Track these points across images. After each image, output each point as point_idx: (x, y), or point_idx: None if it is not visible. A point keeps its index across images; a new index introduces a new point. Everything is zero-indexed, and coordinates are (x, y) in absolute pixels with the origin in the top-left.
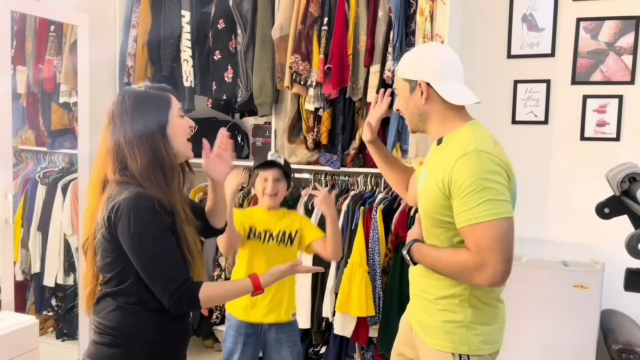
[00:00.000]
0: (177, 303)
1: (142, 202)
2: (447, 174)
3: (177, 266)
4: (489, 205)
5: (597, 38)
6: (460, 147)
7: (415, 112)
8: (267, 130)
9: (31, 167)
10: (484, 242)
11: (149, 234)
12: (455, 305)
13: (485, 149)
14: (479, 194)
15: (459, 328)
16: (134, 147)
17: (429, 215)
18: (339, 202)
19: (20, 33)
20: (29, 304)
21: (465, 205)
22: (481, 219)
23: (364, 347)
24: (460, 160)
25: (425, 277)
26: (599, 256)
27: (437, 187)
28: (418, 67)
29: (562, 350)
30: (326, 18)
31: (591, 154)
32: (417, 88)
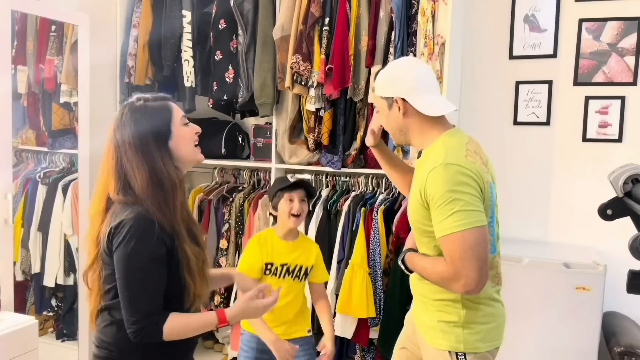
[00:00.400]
0: (135, 333)
1: (144, 225)
2: (423, 187)
3: (150, 299)
4: (458, 217)
5: (600, 39)
6: (432, 161)
7: (396, 127)
8: (268, 130)
9: (32, 167)
10: (455, 253)
11: (138, 259)
12: (449, 307)
13: (453, 162)
14: (448, 206)
15: (454, 327)
16: (134, 165)
17: (415, 225)
18: (340, 203)
19: (21, 33)
20: (29, 304)
21: (438, 217)
22: (451, 229)
23: (364, 349)
24: (431, 174)
25: (422, 281)
26: (601, 258)
27: (418, 199)
28: (392, 84)
29: (563, 353)
30: (327, 18)
31: (593, 156)
32: (394, 104)
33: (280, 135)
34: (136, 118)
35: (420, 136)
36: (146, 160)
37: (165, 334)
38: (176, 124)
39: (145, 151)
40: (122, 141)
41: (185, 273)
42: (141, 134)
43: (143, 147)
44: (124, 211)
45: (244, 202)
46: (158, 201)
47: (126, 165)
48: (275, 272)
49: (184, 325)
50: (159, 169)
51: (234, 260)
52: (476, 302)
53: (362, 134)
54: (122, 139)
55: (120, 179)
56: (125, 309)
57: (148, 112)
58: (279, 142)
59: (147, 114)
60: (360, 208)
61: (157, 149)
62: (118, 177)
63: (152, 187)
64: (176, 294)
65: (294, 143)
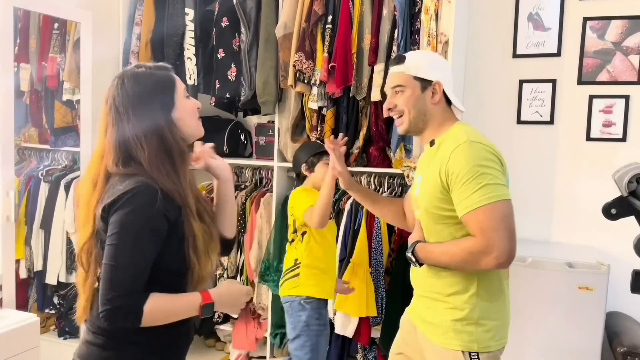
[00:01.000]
0: (110, 312)
1: (145, 193)
2: (444, 168)
3: (135, 274)
4: (488, 190)
5: (604, 38)
6: (452, 142)
7: (421, 112)
8: (271, 129)
9: (34, 165)
10: (487, 224)
11: (132, 227)
12: (463, 302)
13: (477, 140)
14: (476, 180)
15: (468, 325)
16: (140, 135)
17: (430, 212)
18: (342, 202)
19: (24, 30)
20: (31, 302)
21: (465, 192)
22: (482, 202)
23: (366, 348)
24: (455, 152)
25: (429, 277)
26: (605, 258)
27: (436, 184)
28: (434, 68)
29: (566, 353)
30: (330, 16)
31: (597, 155)
32: (430, 88)
33: (282, 134)
34: (140, 85)
35: (438, 126)
36: (155, 129)
37: (145, 316)
38: (179, 95)
39: (153, 120)
40: (125, 109)
41: (190, 250)
42: (147, 102)
43: (150, 116)
44: (122, 183)
45: (246, 200)
46: (167, 170)
47: (129, 135)
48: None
49: (167, 307)
50: (167, 137)
51: (235, 258)
52: (490, 294)
53: (364, 132)
54: (124, 107)
55: (121, 150)
56: (104, 282)
57: (152, 80)
58: (281, 141)
59: (151, 81)
60: (362, 207)
61: (166, 119)
62: (119, 149)
63: (161, 156)
64: (179, 274)
65: (297, 141)
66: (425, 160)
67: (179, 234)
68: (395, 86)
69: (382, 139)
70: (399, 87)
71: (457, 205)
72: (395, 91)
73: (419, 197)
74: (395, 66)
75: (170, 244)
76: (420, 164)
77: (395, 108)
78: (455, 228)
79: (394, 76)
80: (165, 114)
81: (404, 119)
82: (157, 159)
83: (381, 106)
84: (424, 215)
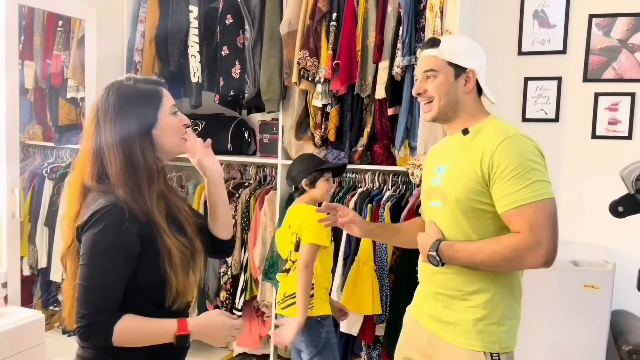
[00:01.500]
0: (82, 329)
1: (113, 214)
2: (488, 159)
3: (105, 293)
4: (538, 186)
5: (610, 35)
6: (500, 132)
7: (452, 99)
8: (275, 126)
9: (38, 162)
10: (537, 221)
11: (100, 249)
12: (485, 301)
13: (524, 135)
14: (527, 175)
15: (490, 325)
16: (111, 149)
17: (462, 203)
18: (346, 200)
19: (29, 28)
20: (36, 299)
21: (512, 187)
22: (533, 198)
23: (370, 346)
24: (504, 143)
25: (444, 274)
26: (610, 256)
27: (473, 174)
28: (471, 56)
29: (571, 351)
30: (335, 13)
31: (602, 153)
32: (464, 76)
33: (286, 131)
34: (122, 99)
35: (470, 116)
36: (123, 145)
37: (115, 335)
38: (164, 112)
39: (124, 136)
40: (104, 122)
41: (166, 265)
42: (124, 117)
43: (123, 131)
44: (96, 201)
45: (250, 198)
46: (132, 189)
47: (103, 149)
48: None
49: (138, 329)
50: (136, 156)
51: (239, 256)
52: (511, 293)
53: (369, 130)
54: (103, 119)
55: (96, 164)
56: (78, 301)
57: (136, 94)
58: (285, 138)
59: (134, 96)
60: (366, 205)
61: (139, 136)
62: (94, 161)
63: (126, 174)
64: (155, 288)
65: (301, 139)
66: (453, 149)
67: (154, 250)
68: (427, 70)
69: (386, 137)
70: (431, 71)
71: (499, 199)
72: (427, 75)
73: (444, 187)
74: (428, 49)
75: (145, 259)
76: (439, 155)
77: (425, 93)
78: (492, 221)
79: (426, 59)
80: (141, 129)
81: (433, 106)
82: (122, 176)
83: (385, 104)
84: (451, 207)
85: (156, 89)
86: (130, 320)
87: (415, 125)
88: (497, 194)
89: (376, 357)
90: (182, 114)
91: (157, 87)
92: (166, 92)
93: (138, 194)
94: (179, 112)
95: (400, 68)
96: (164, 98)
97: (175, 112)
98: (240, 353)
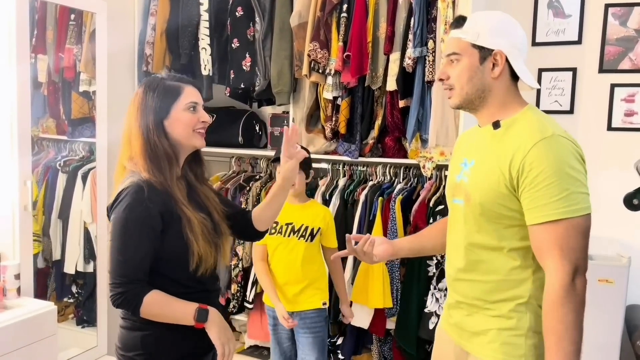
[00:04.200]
0: (115, 297)
1: (134, 190)
2: (519, 161)
3: (135, 265)
4: (573, 199)
5: (626, 25)
6: (535, 131)
7: (478, 86)
8: (285, 119)
9: (52, 155)
10: (567, 242)
11: (127, 224)
12: (510, 311)
13: (563, 135)
14: (562, 184)
15: (516, 337)
16: (134, 135)
17: (486, 208)
18: (357, 193)
19: (41, 21)
20: (50, 291)
21: (544, 197)
22: (565, 214)
23: (381, 339)
24: (539, 145)
25: (464, 281)
26: (625, 250)
27: (500, 176)
28: (499, 35)
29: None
30: (345, 5)
31: (618, 145)
32: (490, 59)
33: (297, 124)
34: (147, 91)
35: (500, 105)
36: (143, 131)
37: (143, 306)
38: (178, 107)
39: (144, 123)
40: (134, 110)
41: (187, 231)
42: (147, 106)
43: (144, 119)
44: (124, 182)
45: (260, 191)
46: (152, 168)
47: (132, 132)
48: (280, 230)
49: (164, 303)
50: (153, 142)
51: (250, 249)
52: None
53: (380, 122)
54: (134, 108)
55: (128, 147)
56: (110, 272)
57: (158, 88)
58: None
59: (157, 90)
60: (377, 198)
61: (154, 124)
62: (129, 144)
63: (146, 155)
64: (179, 253)
65: (311, 132)
66: (481, 143)
67: (175, 221)
68: (450, 54)
69: (397, 129)
70: (454, 55)
71: (529, 209)
72: (450, 59)
73: (469, 186)
74: (454, 30)
75: (170, 232)
76: (466, 147)
77: (447, 80)
78: (513, 231)
79: (450, 41)
80: (155, 119)
81: (454, 93)
82: (143, 156)
83: (397, 96)
84: (474, 209)
85: (178, 86)
86: (157, 295)
87: (426, 118)
88: (525, 203)
89: (387, 350)
90: (203, 112)
91: (181, 83)
92: (190, 89)
93: (158, 172)
94: (199, 110)
95: (411, 59)
96: (183, 94)
97: (193, 108)
98: (252, 345)
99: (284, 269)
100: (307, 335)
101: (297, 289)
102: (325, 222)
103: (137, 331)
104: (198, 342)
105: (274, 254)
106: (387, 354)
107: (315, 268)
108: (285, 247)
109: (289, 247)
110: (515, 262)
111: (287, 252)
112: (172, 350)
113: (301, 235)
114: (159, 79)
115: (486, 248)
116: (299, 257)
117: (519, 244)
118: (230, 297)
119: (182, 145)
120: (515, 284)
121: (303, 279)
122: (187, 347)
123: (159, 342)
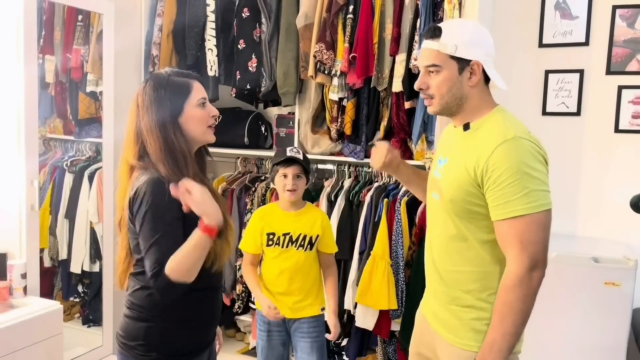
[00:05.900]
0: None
1: (157, 186)
2: (483, 162)
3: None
4: (533, 197)
5: (634, 26)
6: (498, 134)
7: (457, 95)
8: (291, 120)
9: (59, 155)
10: (527, 237)
11: (158, 215)
12: (482, 301)
13: (524, 136)
14: (522, 183)
15: (487, 326)
16: (149, 133)
17: (457, 204)
18: (362, 194)
19: (49, 22)
20: (56, 290)
21: (506, 196)
22: (525, 211)
23: (386, 341)
24: (500, 147)
25: (437, 273)
26: (632, 252)
27: (467, 175)
28: (476, 44)
29: (591, 350)
30: (352, 6)
31: (626, 147)
32: (468, 69)
33: (302, 125)
34: (157, 88)
35: (475, 109)
36: (160, 128)
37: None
38: (191, 103)
39: (160, 120)
40: (141, 108)
41: None
42: (157, 104)
43: (159, 116)
44: (140, 178)
45: (266, 191)
46: (170, 165)
47: (143, 131)
48: (278, 241)
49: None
50: (171, 139)
51: None
52: None
53: (385, 124)
54: (141, 106)
55: (137, 145)
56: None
57: (168, 85)
58: (301, 132)
59: (167, 87)
60: (383, 199)
61: (170, 121)
62: (136, 142)
63: (165, 152)
64: None
65: (317, 133)
66: (454, 143)
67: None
68: (429, 65)
69: (403, 131)
70: (433, 67)
71: (493, 206)
72: (429, 70)
73: (441, 183)
74: (429, 40)
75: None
76: (444, 145)
77: (427, 90)
78: (481, 224)
79: (428, 52)
80: (171, 116)
81: (434, 102)
82: (161, 154)
83: (402, 97)
84: (445, 206)
85: (187, 82)
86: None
87: (432, 119)
88: (490, 202)
89: (391, 352)
90: (211, 107)
91: (189, 79)
92: (197, 85)
93: (176, 168)
94: (208, 105)
95: (417, 61)
96: (193, 91)
97: (203, 104)
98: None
99: (283, 279)
100: (306, 340)
101: (297, 298)
102: (322, 228)
103: (143, 322)
104: (200, 337)
105: (272, 265)
106: (391, 356)
107: (313, 275)
108: (285, 259)
109: (287, 257)
110: (485, 254)
111: (287, 262)
112: (173, 344)
113: (300, 245)
114: (165, 75)
115: (459, 240)
116: (298, 267)
117: (487, 237)
118: (235, 297)
119: (196, 141)
120: (486, 275)
121: (302, 288)
122: (188, 342)
123: (163, 334)
